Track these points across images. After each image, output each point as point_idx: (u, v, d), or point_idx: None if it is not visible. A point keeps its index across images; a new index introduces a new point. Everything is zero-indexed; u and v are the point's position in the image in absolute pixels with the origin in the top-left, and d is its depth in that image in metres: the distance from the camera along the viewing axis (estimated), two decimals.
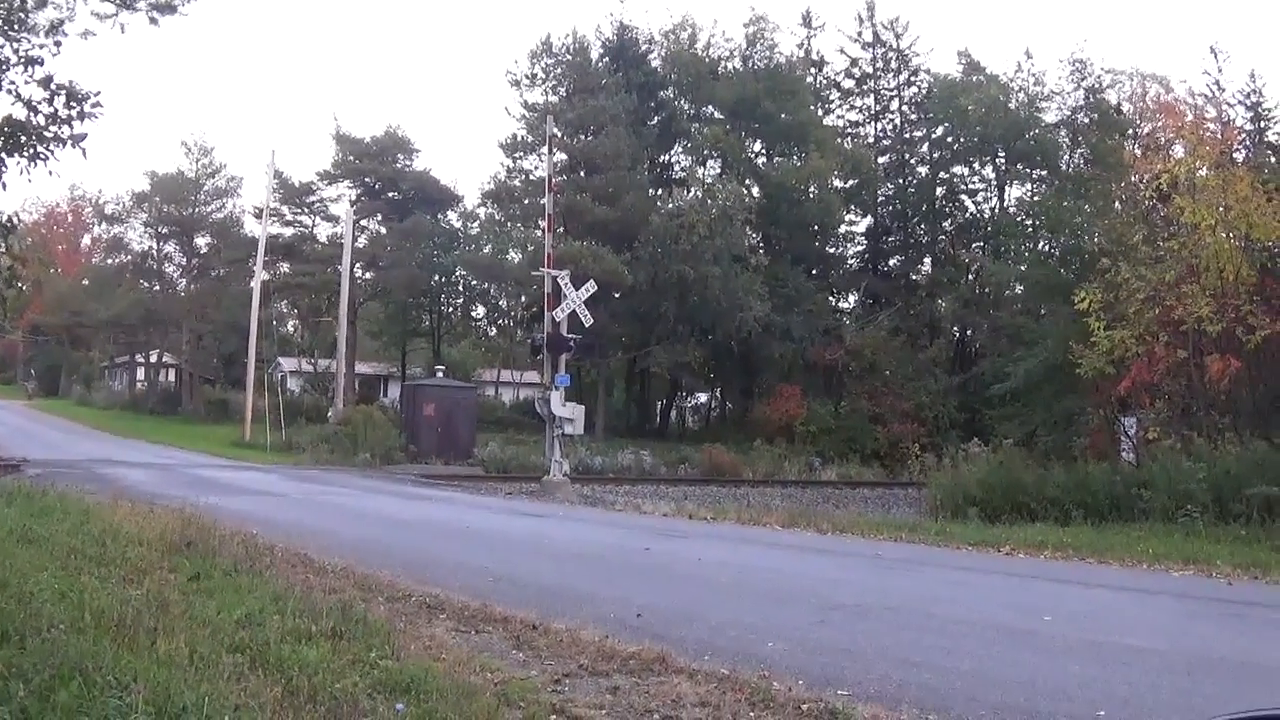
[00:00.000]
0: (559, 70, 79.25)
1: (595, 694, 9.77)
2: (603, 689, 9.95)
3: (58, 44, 14.19)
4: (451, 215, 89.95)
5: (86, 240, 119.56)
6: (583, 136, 74.08)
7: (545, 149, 56.81)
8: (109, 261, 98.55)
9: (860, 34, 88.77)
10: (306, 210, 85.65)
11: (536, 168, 74.71)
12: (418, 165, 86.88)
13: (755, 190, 77.54)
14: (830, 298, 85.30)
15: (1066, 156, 78.33)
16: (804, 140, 79.38)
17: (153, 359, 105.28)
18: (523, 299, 78.93)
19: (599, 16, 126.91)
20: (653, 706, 9.44)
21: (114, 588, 12.19)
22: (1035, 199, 79.45)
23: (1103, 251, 42.80)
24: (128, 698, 7.52)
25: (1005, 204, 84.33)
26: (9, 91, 13.63)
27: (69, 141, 13.58)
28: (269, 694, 8.21)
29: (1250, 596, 17.64)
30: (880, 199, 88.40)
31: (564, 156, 72.47)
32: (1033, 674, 11.35)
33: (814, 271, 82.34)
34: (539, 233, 61.91)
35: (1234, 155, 43.24)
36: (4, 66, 13.72)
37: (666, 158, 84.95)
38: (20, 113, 13.46)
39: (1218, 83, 64.60)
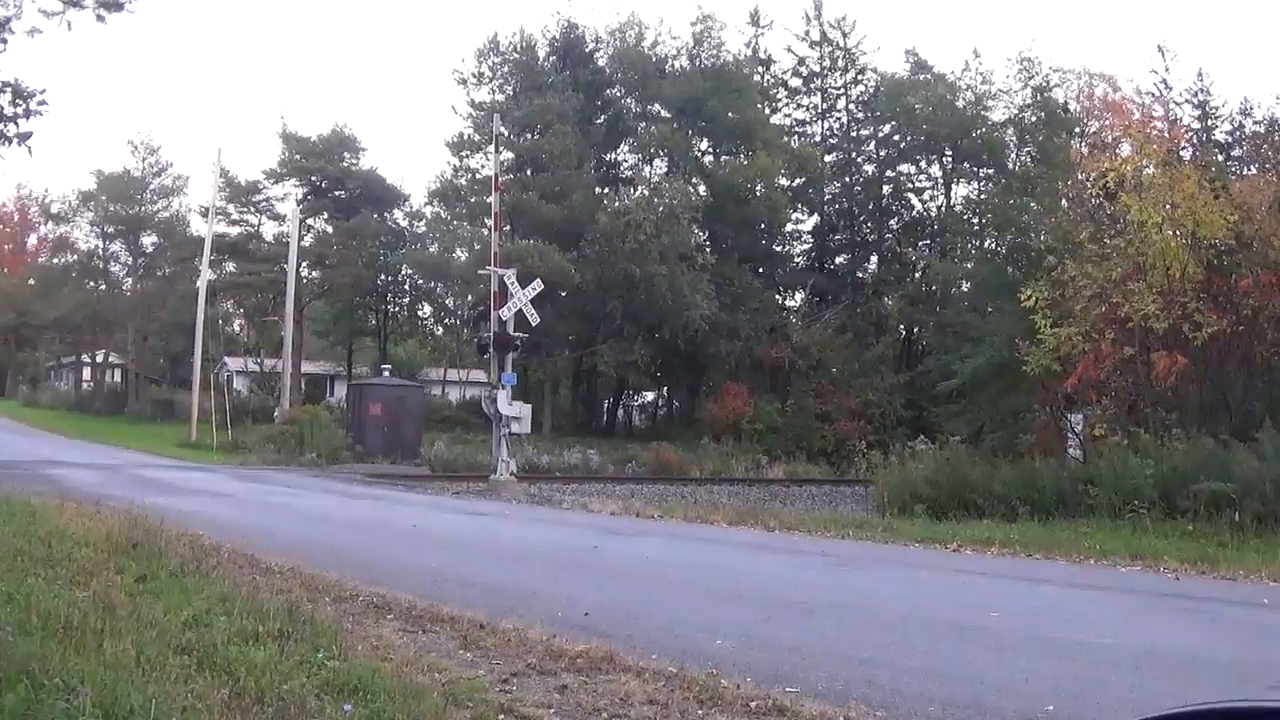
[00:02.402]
0: (506, 69, 79.23)
1: (543, 693, 9.76)
2: (551, 688, 9.95)
3: (4, 42, 14.13)
4: (398, 214, 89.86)
5: (32, 240, 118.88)
6: (529, 135, 74.07)
7: (492, 148, 56.80)
8: (55, 261, 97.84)
9: (808, 33, 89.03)
10: (252, 209, 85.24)
11: (483, 166, 74.74)
12: (364, 164, 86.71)
13: (702, 189, 77.53)
14: (777, 296, 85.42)
15: (1013, 155, 78.27)
16: (751, 139, 79.35)
17: (99, 359, 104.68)
18: (469, 298, 78.66)
19: (546, 15, 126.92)
20: (601, 705, 9.44)
21: (61, 589, 12.15)
22: (982, 197, 79.70)
23: (1049, 249, 43.03)
24: (75, 700, 7.51)
25: (952, 202, 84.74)
26: None
27: (15, 140, 13.53)
28: (216, 695, 8.20)
29: (1198, 591, 17.72)
30: (827, 197, 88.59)
31: (510, 155, 72.46)
32: (981, 670, 11.42)
33: (760, 270, 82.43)
34: (485, 231, 61.85)
35: (1181, 154, 43.52)
36: None
37: (613, 156, 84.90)
38: None
39: (1165, 81, 64.83)
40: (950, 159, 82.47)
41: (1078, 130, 62.42)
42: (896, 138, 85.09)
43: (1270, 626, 15.15)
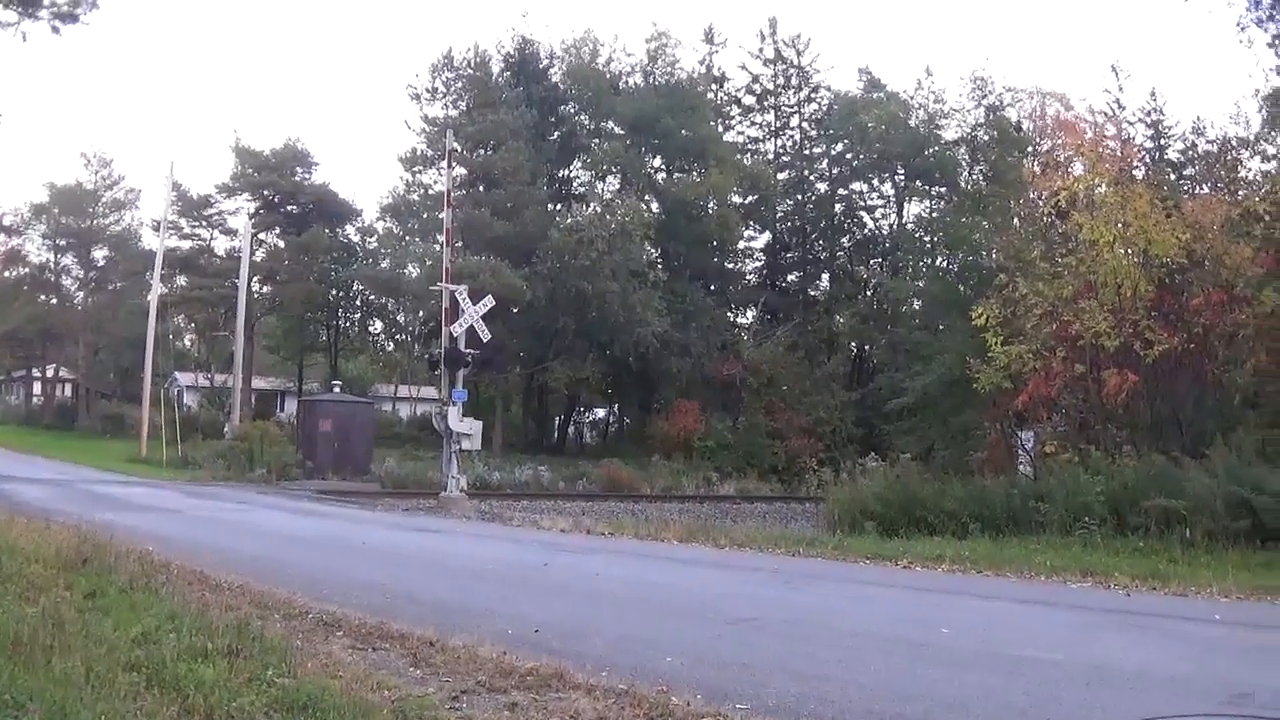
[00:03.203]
0: (460, 84, 79.22)
1: (493, 710, 9.73)
2: (501, 705, 9.92)
3: None
4: (350, 229, 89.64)
5: None
6: (482, 151, 73.90)
7: (445, 163, 56.70)
8: (7, 274, 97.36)
9: (762, 51, 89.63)
10: (205, 223, 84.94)
11: (436, 182, 74.63)
12: (317, 178, 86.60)
13: (654, 206, 77.90)
14: (729, 313, 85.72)
15: (966, 173, 78.85)
16: (704, 156, 79.69)
17: (49, 373, 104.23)
18: (420, 314, 78.62)
19: (501, 31, 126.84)
20: None
21: (10, 605, 12.07)
22: (934, 215, 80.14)
23: (1000, 267, 43.18)
24: (24, 717, 7.50)
25: (904, 220, 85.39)
26: None
27: None
28: (165, 713, 8.19)
29: (1148, 608, 17.76)
30: (779, 215, 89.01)
31: (463, 171, 72.40)
32: (931, 686, 11.42)
33: (712, 287, 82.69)
34: (437, 247, 61.68)
35: (1133, 172, 43.76)
36: None
37: (566, 173, 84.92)
38: None
39: (1118, 101, 65.63)
40: (902, 177, 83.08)
41: (1030, 149, 62.69)
42: (849, 156, 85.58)
43: (1221, 642, 15.15)
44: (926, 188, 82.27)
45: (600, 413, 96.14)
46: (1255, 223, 34.07)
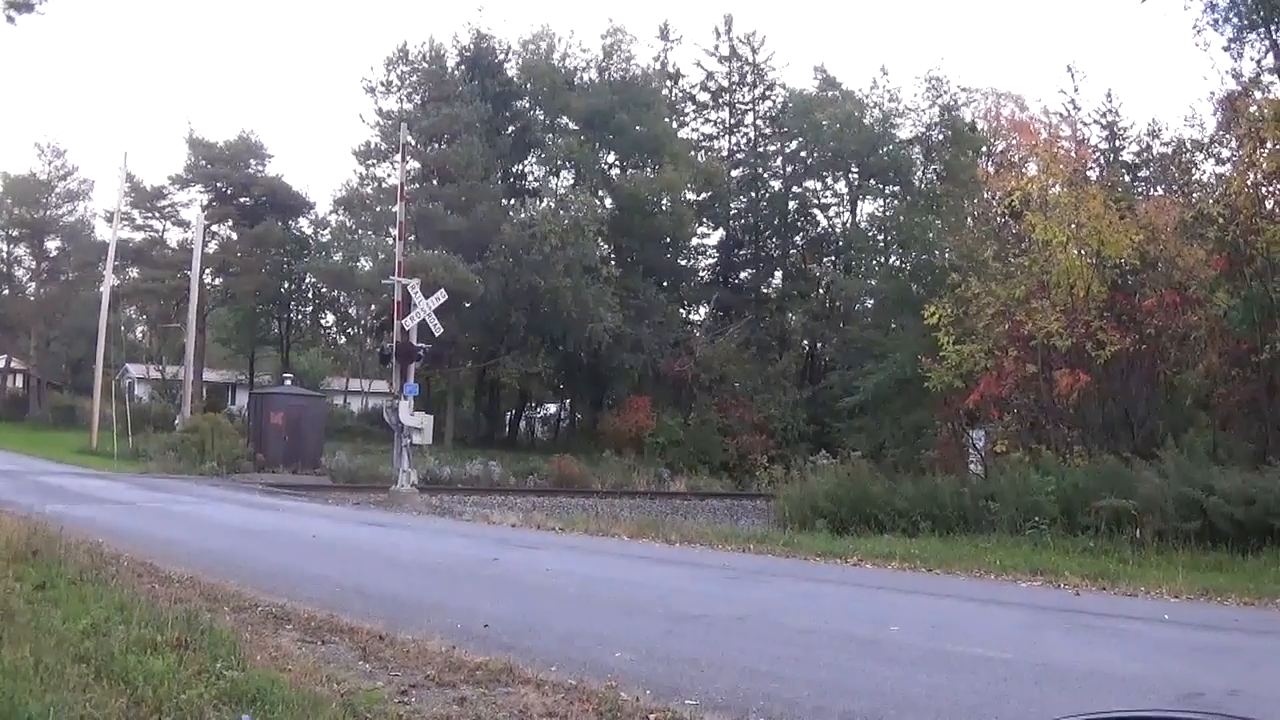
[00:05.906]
0: (414, 78, 78.96)
1: (442, 705, 9.72)
2: (450, 700, 9.91)
3: None
4: (303, 222, 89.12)
5: None
6: (436, 145, 73.77)
7: (399, 157, 56.50)
8: None
9: (717, 48, 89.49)
10: (158, 215, 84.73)
11: (389, 175, 74.29)
12: (270, 170, 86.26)
13: (608, 202, 77.91)
14: (681, 310, 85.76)
15: (920, 172, 78.55)
16: (658, 152, 79.66)
17: (0, 364, 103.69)
18: (373, 307, 78.34)
19: (456, 25, 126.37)
20: (500, 717, 9.43)
21: None
22: (887, 214, 79.99)
23: (953, 267, 43.32)
24: None
25: (857, 219, 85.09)
26: None
27: None
28: (114, 704, 8.17)
29: (1097, 607, 17.79)
30: (733, 212, 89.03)
31: (417, 165, 72.10)
32: (880, 684, 11.45)
33: (665, 283, 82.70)
34: (390, 241, 61.60)
35: (1087, 173, 43.89)
36: None
37: (520, 168, 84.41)
38: None
39: (1073, 102, 65.57)
40: (856, 175, 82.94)
41: (984, 149, 62.76)
42: (803, 154, 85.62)
43: (1171, 642, 15.19)
44: (880, 186, 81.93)
45: (552, 408, 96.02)
46: (1209, 225, 34.17)
